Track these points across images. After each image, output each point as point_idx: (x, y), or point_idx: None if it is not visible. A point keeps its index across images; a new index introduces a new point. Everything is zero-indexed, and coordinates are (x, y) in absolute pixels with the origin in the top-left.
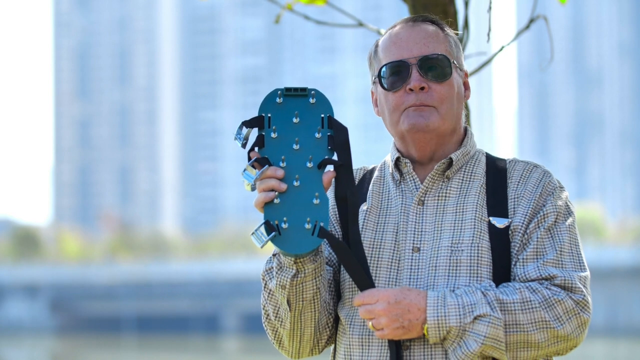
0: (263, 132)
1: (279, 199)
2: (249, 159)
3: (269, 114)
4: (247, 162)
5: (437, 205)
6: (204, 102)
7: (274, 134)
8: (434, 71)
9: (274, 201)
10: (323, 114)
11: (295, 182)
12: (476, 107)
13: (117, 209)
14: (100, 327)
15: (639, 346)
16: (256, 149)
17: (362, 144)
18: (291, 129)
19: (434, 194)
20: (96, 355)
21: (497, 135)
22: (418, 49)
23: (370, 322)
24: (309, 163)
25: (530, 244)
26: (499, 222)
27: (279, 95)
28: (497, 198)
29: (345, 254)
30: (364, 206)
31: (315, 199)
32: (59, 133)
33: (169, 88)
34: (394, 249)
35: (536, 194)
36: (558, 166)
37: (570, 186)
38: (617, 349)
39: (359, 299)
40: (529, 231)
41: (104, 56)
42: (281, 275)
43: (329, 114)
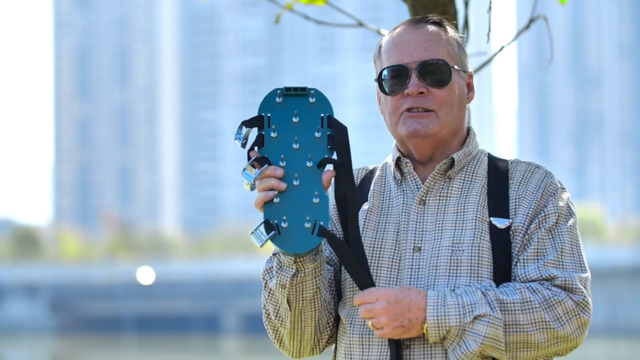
0: (263, 132)
1: (278, 198)
2: (249, 158)
3: (268, 114)
4: (247, 161)
5: (438, 205)
6: (204, 102)
7: (273, 133)
8: (433, 76)
9: (274, 200)
10: (323, 114)
11: (294, 182)
12: (476, 107)
13: (117, 209)
14: (100, 327)
15: (639, 346)
16: (256, 149)
17: (362, 144)
18: (291, 129)
19: (435, 193)
20: (96, 355)
21: (497, 135)
22: (418, 53)
23: (370, 321)
24: (308, 162)
25: (531, 245)
26: (500, 223)
27: (278, 94)
28: (498, 198)
29: (345, 253)
30: (365, 206)
31: (315, 198)
32: (59, 133)
33: (169, 88)
34: (394, 249)
35: (537, 194)
36: (558, 166)
37: (570, 186)
38: (617, 349)
39: (358, 298)
40: (529, 232)
41: (104, 56)
42: (281, 274)
43: (328, 114)
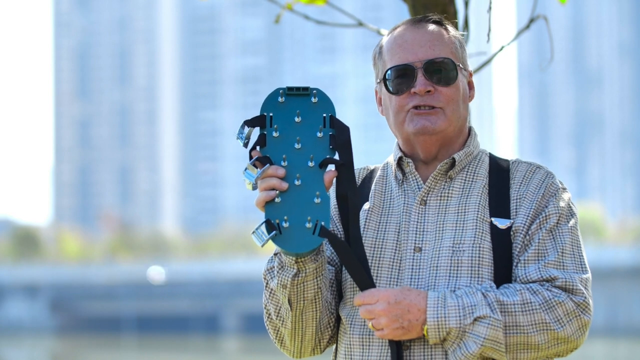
0: (265, 131)
1: (280, 198)
2: (251, 158)
3: (270, 113)
4: (249, 161)
5: (439, 205)
6: (204, 102)
7: (275, 133)
8: (440, 75)
9: (275, 200)
10: (325, 113)
11: (296, 181)
12: (476, 107)
13: (117, 209)
14: (100, 327)
15: (639, 346)
16: (258, 148)
17: (362, 144)
18: (293, 128)
19: (436, 193)
20: (96, 355)
21: (497, 135)
22: (423, 52)
23: (370, 322)
24: (310, 162)
25: (531, 245)
26: (500, 223)
27: (281, 94)
28: (499, 199)
29: (346, 253)
30: (366, 205)
31: (317, 198)
32: (59, 133)
33: (169, 88)
34: (395, 249)
35: (538, 195)
36: (558, 166)
37: (570, 186)
38: (617, 349)
39: (359, 298)
40: (530, 232)
41: (104, 56)
42: (282, 274)
43: (330, 114)
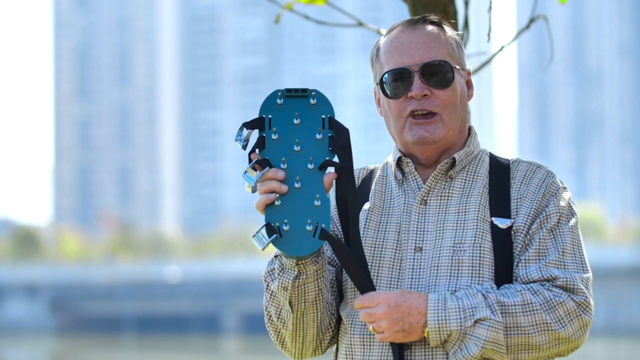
0: (264, 134)
1: (279, 200)
2: (250, 160)
3: (269, 115)
4: (248, 163)
5: (440, 205)
6: (204, 102)
7: (274, 135)
8: (436, 77)
9: (275, 203)
10: (324, 115)
11: (296, 184)
12: (476, 107)
13: (117, 209)
14: (100, 327)
15: (639, 346)
16: (257, 151)
17: (362, 144)
18: (292, 130)
19: (436, 193)
20: (96, 355)
21: (497, 135)
22: (420, 55)
23: (371, 325)
24: (309, 164)
25: (532, 245)
26: (501, 223)
27: (279, 96)
28: (499, 198)
29: (346, 256)
30: (366, 206)
31: (316, 201)
32: (59, 133)
33: (169, 88)
34: (396, 249)
35: (539, 194)
36: (558, 166)
37: (570, 186)
38: (617, 349)
39: (359, 302)
40: (531, 232)
41: (104, 56)
42: (283, 277)
43: (329, 115)
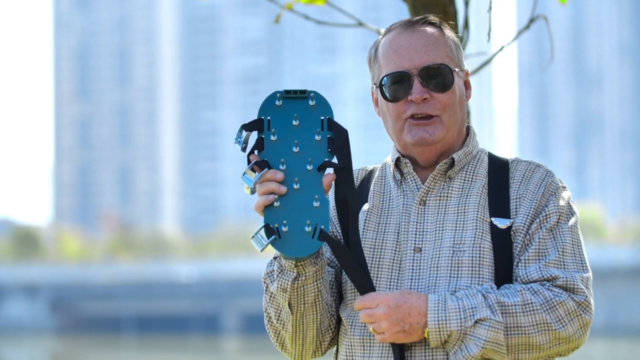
0: (263, 135)
1: (278, 202)
2: (249, 162)
3: (268, 117)
4: (247, 165)
5: (439, 206)
6: (204, 102)
7: (273, 136)
8: (436, 81)
9: (274, 204)
10: (323, 116)
11: (295, 185)
12: (476, 107)
13: (117, 209)
14: (100, 327)
15: (639, 346)
16: (256, 152)
17: (362, 144)
18: (291, 132)
19: (435, 194)
20: (96, 355)
21: (497, 135)
22: (419, 58)
23: (371, 326)
24: (308, 166)
25: (532, 245)
26: (500, 223)
27: (278, 97)
28: (499, 198)
29: (345, 257)
30: (365, 206)
31: (315, 202)
32: (59, 133)
33: (169, 88)
34: (395, 249)
35: (538, 194)
36: (558, 166)
37: (570, 186)
38: (617, 349)
39: (359, 303)
40: (531, 232)
41: (104, 56)
42: (282, 278)
43: (328, 116)
